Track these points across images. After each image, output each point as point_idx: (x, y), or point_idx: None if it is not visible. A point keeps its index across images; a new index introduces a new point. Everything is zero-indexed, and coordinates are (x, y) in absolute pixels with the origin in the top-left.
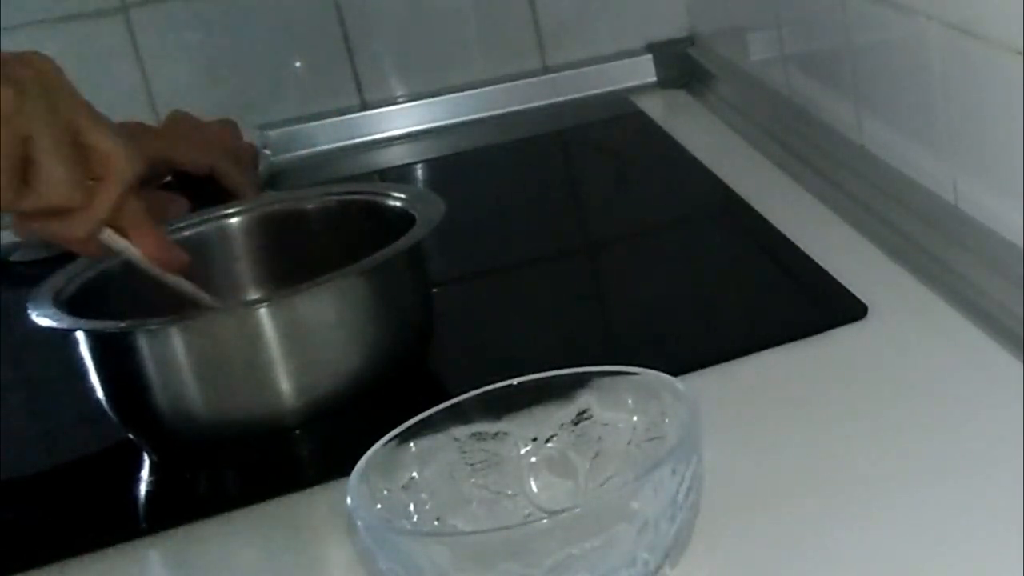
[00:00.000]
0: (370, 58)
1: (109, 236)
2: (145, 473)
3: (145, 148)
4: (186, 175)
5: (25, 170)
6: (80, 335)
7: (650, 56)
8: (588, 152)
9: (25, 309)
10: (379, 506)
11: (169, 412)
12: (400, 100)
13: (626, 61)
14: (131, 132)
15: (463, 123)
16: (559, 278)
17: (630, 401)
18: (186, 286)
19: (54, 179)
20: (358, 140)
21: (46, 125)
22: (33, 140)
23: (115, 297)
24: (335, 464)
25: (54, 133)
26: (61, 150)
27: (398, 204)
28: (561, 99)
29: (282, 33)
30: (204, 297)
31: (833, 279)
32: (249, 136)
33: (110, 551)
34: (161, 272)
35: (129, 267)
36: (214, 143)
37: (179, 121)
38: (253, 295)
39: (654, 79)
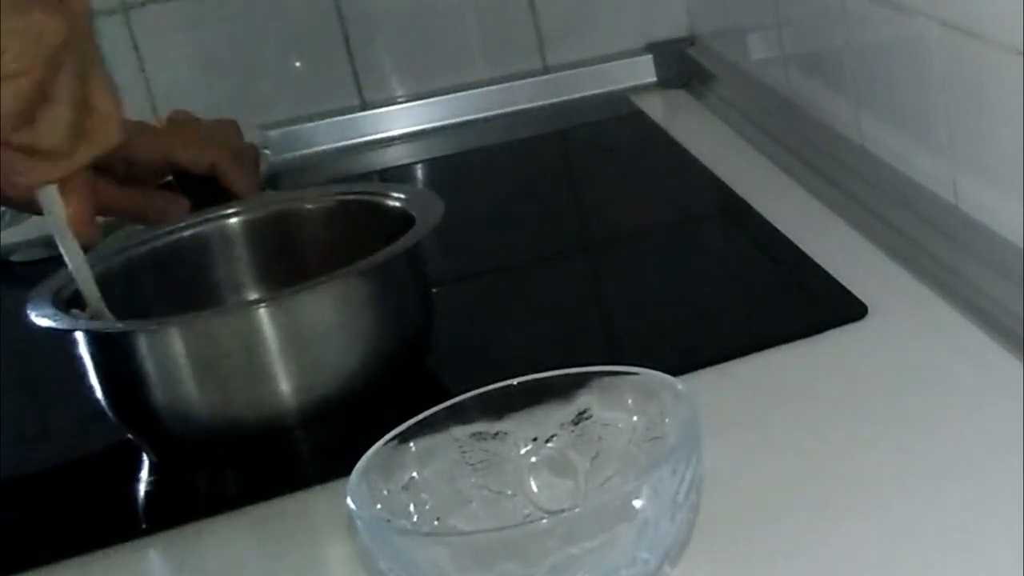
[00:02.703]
0: (370, 58)
1: (51, 192)
2: (145, 473)
3: (145, 147)
4: (186, 175)
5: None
6: (79, 335)
7: (650, 56)
8: (588, 152)
9: (25, 309)
10: (379, 506)
11: (169, 412)
12: (400, 100)
13: (626, 61)
14: (131, 131)
15: (463, 123)
16: (559, 278)
17: (630, 401)
18: (86, 275)
19: (60, 123)
20: (358, 140)
21: (73, 68)
22: (60, 79)
23: (115, 297)
24: (335, 464)
25: (74, 80)
26: (76, 97)
27: (398, 204)
28: (561, 99)
29: (282, 33)
30: (96, 297)
31: (833, 279)
32: (250, 136)
33: (110, 551)
34: (73, 248)
35: (130, 267)
36: (214, 142)
37: (179, 120)
38: (253, 295)
39: (654, 79)
